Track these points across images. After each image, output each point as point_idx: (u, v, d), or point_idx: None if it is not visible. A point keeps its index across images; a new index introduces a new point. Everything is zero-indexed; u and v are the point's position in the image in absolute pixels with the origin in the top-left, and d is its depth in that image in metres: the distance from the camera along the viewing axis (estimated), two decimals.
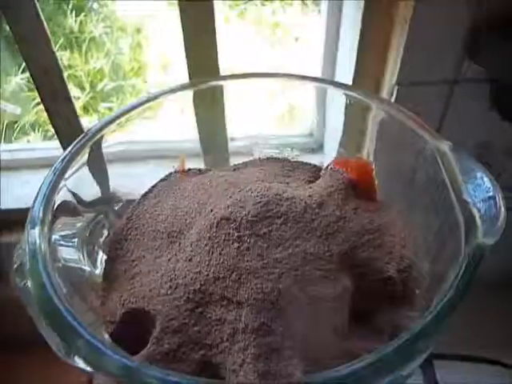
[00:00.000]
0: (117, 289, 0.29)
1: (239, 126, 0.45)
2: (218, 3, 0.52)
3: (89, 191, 0.31)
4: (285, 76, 0.39)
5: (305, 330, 0.25)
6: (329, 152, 0.58)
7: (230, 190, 0.31)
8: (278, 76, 0.39)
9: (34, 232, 0.24)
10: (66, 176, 0.28)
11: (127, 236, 0.32)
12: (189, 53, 0.54)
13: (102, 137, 0.32)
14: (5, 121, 1.06)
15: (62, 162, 0.28)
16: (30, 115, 1.13)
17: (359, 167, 0.34)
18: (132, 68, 1.25)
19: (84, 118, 1.12)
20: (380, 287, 0.29)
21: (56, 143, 0.66)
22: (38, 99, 1.04)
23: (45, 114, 0.61)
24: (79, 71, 1.19)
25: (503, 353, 0.70)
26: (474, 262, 0.23)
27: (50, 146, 0.77)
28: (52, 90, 0.56)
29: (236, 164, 0.40)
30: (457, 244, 0.24)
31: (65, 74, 0.57)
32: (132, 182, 0.37)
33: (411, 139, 0.32)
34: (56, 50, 0.55)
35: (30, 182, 0.74)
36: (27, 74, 1.03)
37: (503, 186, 0.27)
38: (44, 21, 0.50)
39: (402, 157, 0.35)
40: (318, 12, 1.15)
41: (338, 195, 0.32)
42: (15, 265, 0.26)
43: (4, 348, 0.72)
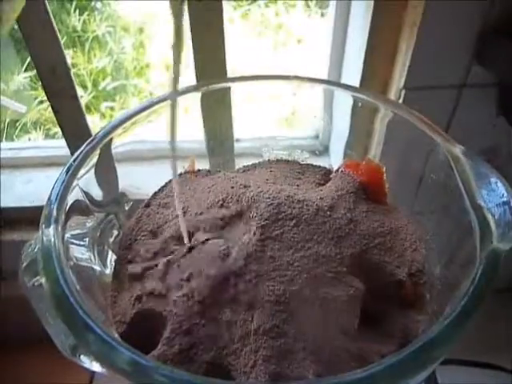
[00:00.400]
0: (127, 289, 0.29)
1: (245, 128, 0.45)
2: (223, 4, 0.52)
3: (99, 191, 0.31)
4: (293, 78, 0.39)
5: (316, 332, 0.25)
6: (335, 154, 0.58)
7: (241, 192, 0.31)
8: (286, 78, 0.39)
9: (49, 230, 0.24)
10: (79, 176, 0.28)
11: (137, 236, 0.32)
12: (196, 54, 0.54)
13: (112, 138, 0.32)
14: (7, 119, 1.05)
15: (75, 162, 0.28)
16: (33, 113, 1.13)
17: (370, 170, 0.34)
18: (135, 67, 1.25)
19: (86, 117, 1.11)
20: (390, 290, 0.29)
21: (58, 141, 0.66)
22: (41, 98, 1.05)
23: (47, 113, 0.61)
24: (82, 70, 1.19)
25: (504, 357, 0.70)
26: (490, 268, 0.22)
27: (53, 145, 0.76)
28: (59, 89, 0.56)
29: (245, 165, 0.40)
30: (471, 249, 0.24)
31: None
32: (139, 182, 0.37)
33: (421, 141, 0.32)
34: None
35: (32, 181, 0.73)
36: (30, 73, 1.03)
37: None
38: (53, 18, 0.50)
39: (411, 159, 0.34)
40: (321, 15, 1.15)
41: (349, 198, 0.32)
42: (24, 264, 0.26)
43: (5, 346, 0.72)
